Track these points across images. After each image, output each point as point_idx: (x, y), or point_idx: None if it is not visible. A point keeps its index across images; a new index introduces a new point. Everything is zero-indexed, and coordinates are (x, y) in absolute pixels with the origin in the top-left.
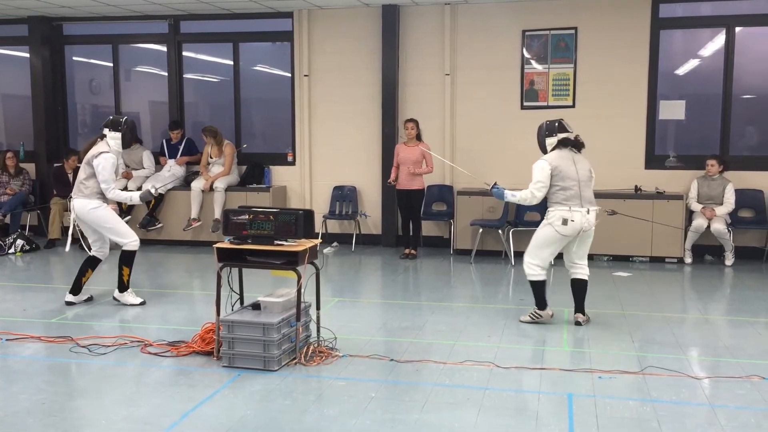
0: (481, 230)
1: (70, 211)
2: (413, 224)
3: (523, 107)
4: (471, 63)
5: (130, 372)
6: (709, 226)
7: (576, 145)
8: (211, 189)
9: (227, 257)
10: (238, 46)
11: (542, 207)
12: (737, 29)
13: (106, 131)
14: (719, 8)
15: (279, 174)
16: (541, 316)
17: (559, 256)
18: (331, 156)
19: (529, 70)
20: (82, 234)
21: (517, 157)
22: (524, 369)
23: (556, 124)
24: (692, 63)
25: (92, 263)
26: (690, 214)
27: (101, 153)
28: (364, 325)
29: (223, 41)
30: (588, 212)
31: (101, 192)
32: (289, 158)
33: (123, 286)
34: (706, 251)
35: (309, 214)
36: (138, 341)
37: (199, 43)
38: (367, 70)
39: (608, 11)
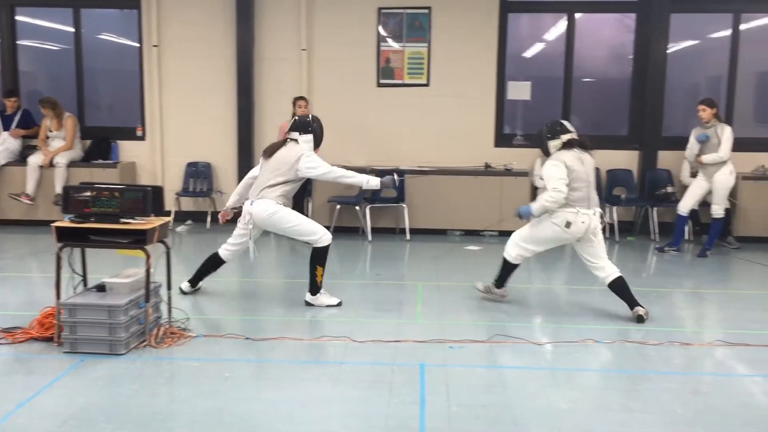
0: (338, 207)
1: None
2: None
3: (379, 84)
4: (328, 39)
5: None
6: None
7: (582, 145)
8: (51, 165)
9: (68, 237)
10: (80, 11)
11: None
12: (577, 15)
13: (295, 135)
14: None
15: (127, 149)
16: (494, 292)
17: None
18: (184, 131)
19: (385, 48)
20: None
21: (374, 133)
22: (379, 342)
23: (558, 126)
24: (538, 46)
25: (217, 263)
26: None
27: (303, 155)
28: (219, 304)
29: (62, 6)
30: (595, 214)
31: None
32: (139, 133)
33: (316, 288)
34: None
35: (158, 191)
36: None
37: (35, 8)
38: (221, 42)
39: None
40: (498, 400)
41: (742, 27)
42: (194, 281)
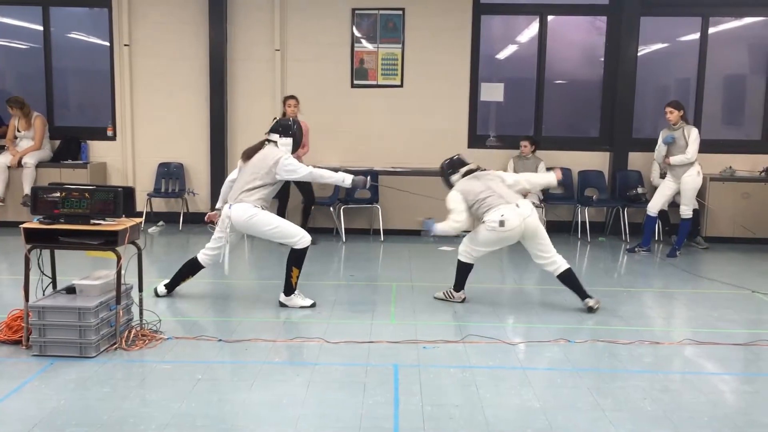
0: (312, 208)
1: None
2: (308, 208)
3: (353, 85)
4: (301, 39)
5: None
6: None
7: (478, 170)
8: (20, 165)
9: (37, 238)
10: (49, 10)
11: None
12: (549, 18)
13: (275, 137)
14: None
15: (98, 149)
16: (453, 296)
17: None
18: (156, 131)
19: (359, 49)
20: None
21: (348, 134)
22: (353, 343)
23: (456, 161)
24: (511, 48)
25: (196, 268)
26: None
27: (281, 157)
28: (191, 305)
29: (31, 4)
30: (518, 205)
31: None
32: (109, 133)
33: (291, 289)
34: None
35: (129, 192)
36: None
37: (2, 6)
38: (194, 42)
39: None
40: (471, 399)
41: (711, 30)
42: (171, 286)
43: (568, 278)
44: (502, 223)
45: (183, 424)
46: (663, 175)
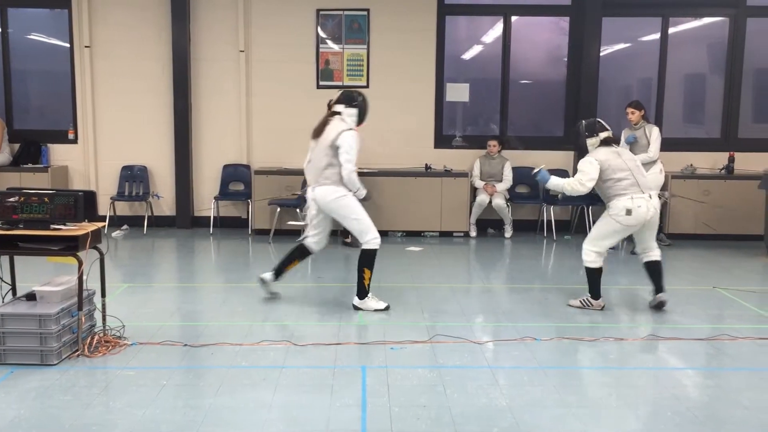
0: (279, 209)
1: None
2: None
3: (319, 86)
4: (266, 40)
5: None
6: (491, 202)
7: (617, 142)
8: None
9: None
10: (7, 11)
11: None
12: (513, 18)
13: (340, 108)
14: None
15: (59, 153)
16: (592, 304)
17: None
18: (119, 134)
19: (325, 50)
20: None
21: None
22: (320, 345)
23: (596, 124)
24: (476, 49)
25: (303, 253)
26: (474, 191)
27: (342, 131)
28: (156, 310)
29: None
30: (650, 197)
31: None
32: (71, 135)
33: (364, 291)
34: (489, 225)
35: (90, 195)
36: None
37: None
38: (156, 43)
39: None
40: (438, 400)
41: (671, 30)
42: (279, 271)
43: (654, 269)
44: (629, 212)
45: (148, 431)
46: None
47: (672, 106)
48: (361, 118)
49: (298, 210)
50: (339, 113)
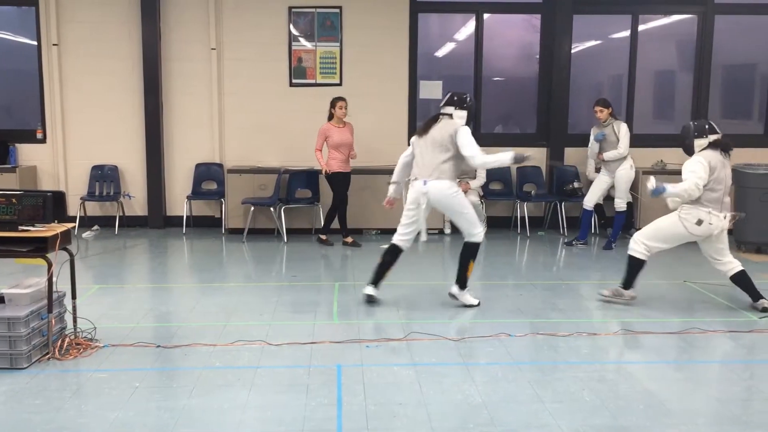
0: (252, 208)
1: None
2: (343, 208)
3: (291, 84)
4: (238, 38)
5: None
6: None
7: (726, 147)
8: None
9: None
10: None
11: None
12: (485, 16)
13: (450, 110)
14: None
15: (27, 153)
16: (624, 295)
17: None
18: (88, 133)
19: (297, 48)
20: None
21: (288, 134)
22: (295, 345)
23: (706, 125)
24: (449, 46)
25: (395, 255)
26: None
27: (459, 127)
28: (128, 312)
29: None
30: (725, 217)
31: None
32: (39, 135)
33: (465, 282)
34: None
35: (59, 196)
36: None
37: None
38: (126, 41)
39: None
40: (414, 397)
41: (641, 28)
42: (376, 280)
43: (741, 279)
44: (700, 223)
45: None
46: (598, 170)
47: (642, 103)
48: (469, 120)
49: (272, 209)
50: (449, 115)
